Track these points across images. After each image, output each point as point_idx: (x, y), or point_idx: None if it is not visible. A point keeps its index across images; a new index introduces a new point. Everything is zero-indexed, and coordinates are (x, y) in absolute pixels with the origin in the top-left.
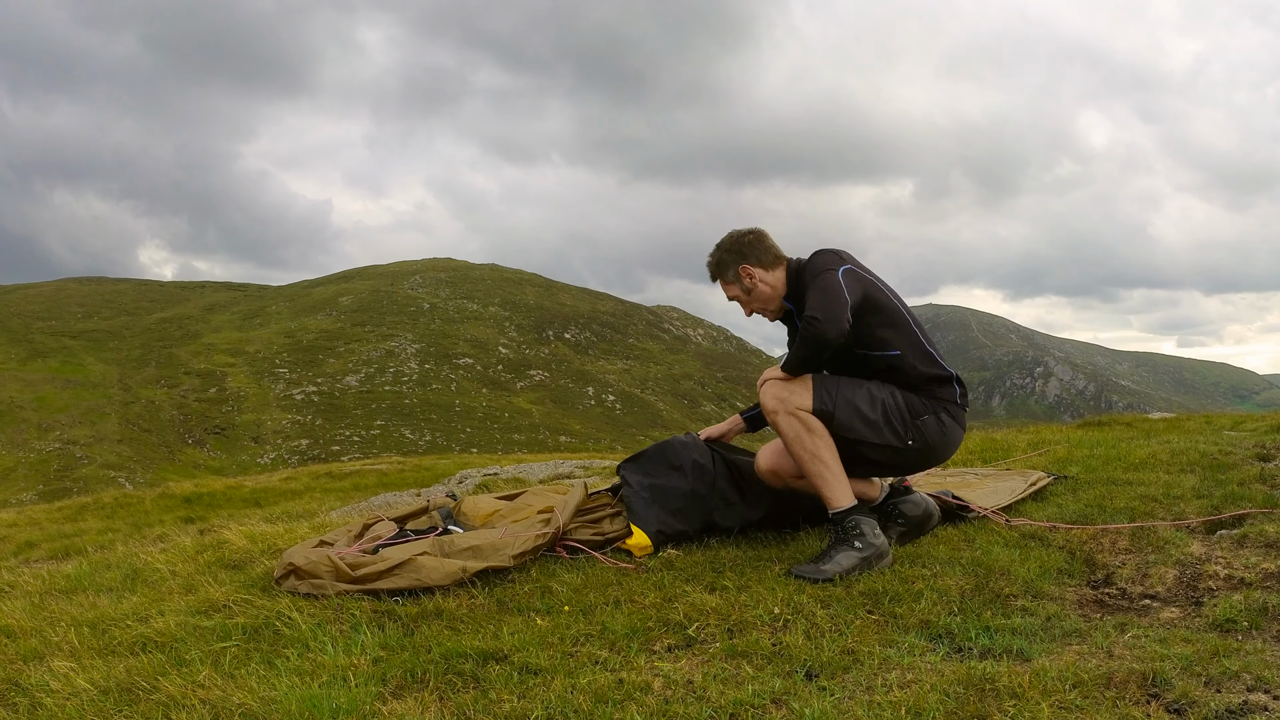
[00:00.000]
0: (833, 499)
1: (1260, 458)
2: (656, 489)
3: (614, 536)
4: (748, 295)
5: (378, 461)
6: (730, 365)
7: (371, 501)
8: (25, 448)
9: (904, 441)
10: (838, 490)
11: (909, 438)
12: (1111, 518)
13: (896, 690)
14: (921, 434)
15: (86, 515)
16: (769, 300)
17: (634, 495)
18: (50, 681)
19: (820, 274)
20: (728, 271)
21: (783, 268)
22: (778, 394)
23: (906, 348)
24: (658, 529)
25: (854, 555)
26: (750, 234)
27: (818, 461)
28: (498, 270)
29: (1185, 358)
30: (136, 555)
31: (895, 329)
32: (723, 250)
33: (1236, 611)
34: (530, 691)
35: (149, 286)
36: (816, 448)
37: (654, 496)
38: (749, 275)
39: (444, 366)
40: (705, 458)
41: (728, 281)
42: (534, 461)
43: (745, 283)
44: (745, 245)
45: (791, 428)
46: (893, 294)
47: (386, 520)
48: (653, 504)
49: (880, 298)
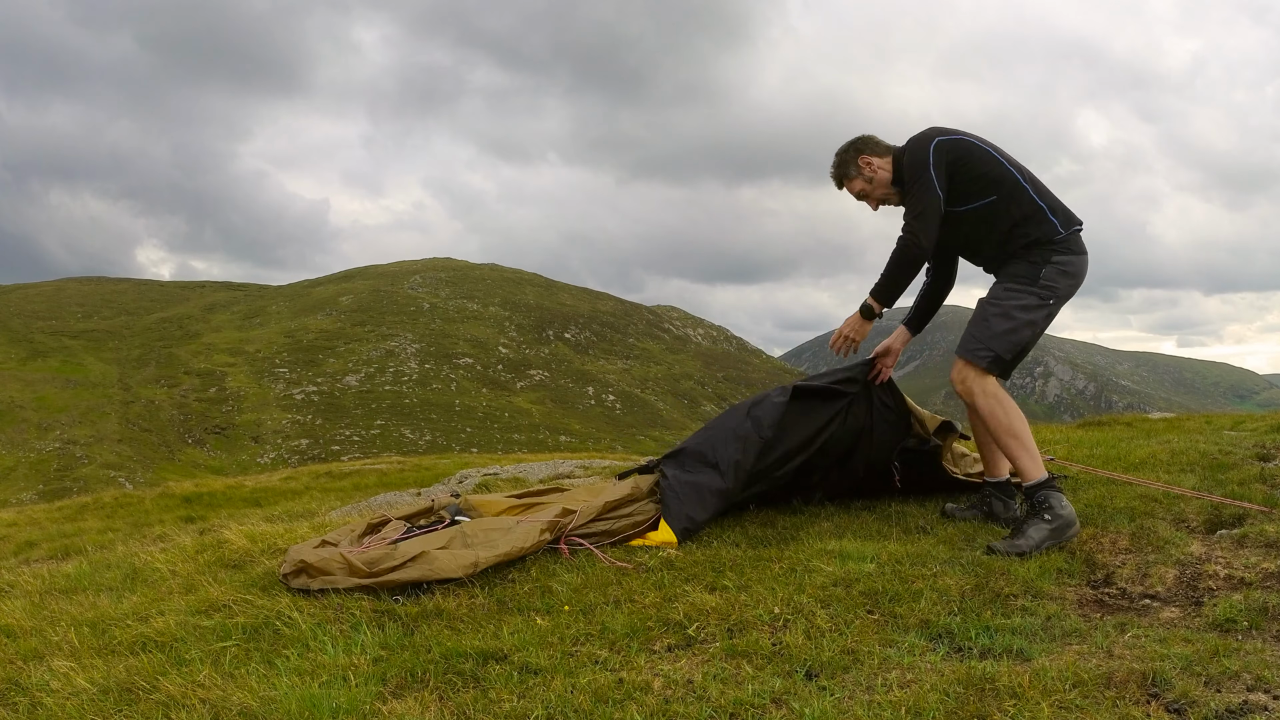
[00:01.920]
0: (1027, 472)
1: (1260, 457)
2: (692, 485)
3: (635, 532)
4: (870, 185)
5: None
6: (730, 365)
7: (371, 501)
8: (25, 447)
9: (1047, 303)
10: (1030, 464)
11: (1049, 298)
12: (1111, 518)
13: (896, 690)
14: (1053, 287)
15: (86, 515)
16: (887, 185)
17: (669, 490)
18: (50, 681)
19: (916, 172)
20: (850, 168)
21: (891, 156)
22: (959, 377)
23: (1003, 191)
24: (684, 526)
25: (1045, 528)
26: (860, 135)
27: (1011, 436)
28: (498, 270)
29: (1185, 357)
30: (136, 555)
31: (988, 179)
32: (841, 154)
33: (1236, 611)
34: (530, 691)
35: (149, 286)
36: (1010, 422)
37: (688, 492)
38: (868, 164)
39: (444, 366)
40: (750, 451)
41: (851, 178)
42: (534, 461)
43: (866, 172)
44: (859, 141)
45: (986, 405)
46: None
47: (396, 520)
48: (685, 500)
49: (974, 152)
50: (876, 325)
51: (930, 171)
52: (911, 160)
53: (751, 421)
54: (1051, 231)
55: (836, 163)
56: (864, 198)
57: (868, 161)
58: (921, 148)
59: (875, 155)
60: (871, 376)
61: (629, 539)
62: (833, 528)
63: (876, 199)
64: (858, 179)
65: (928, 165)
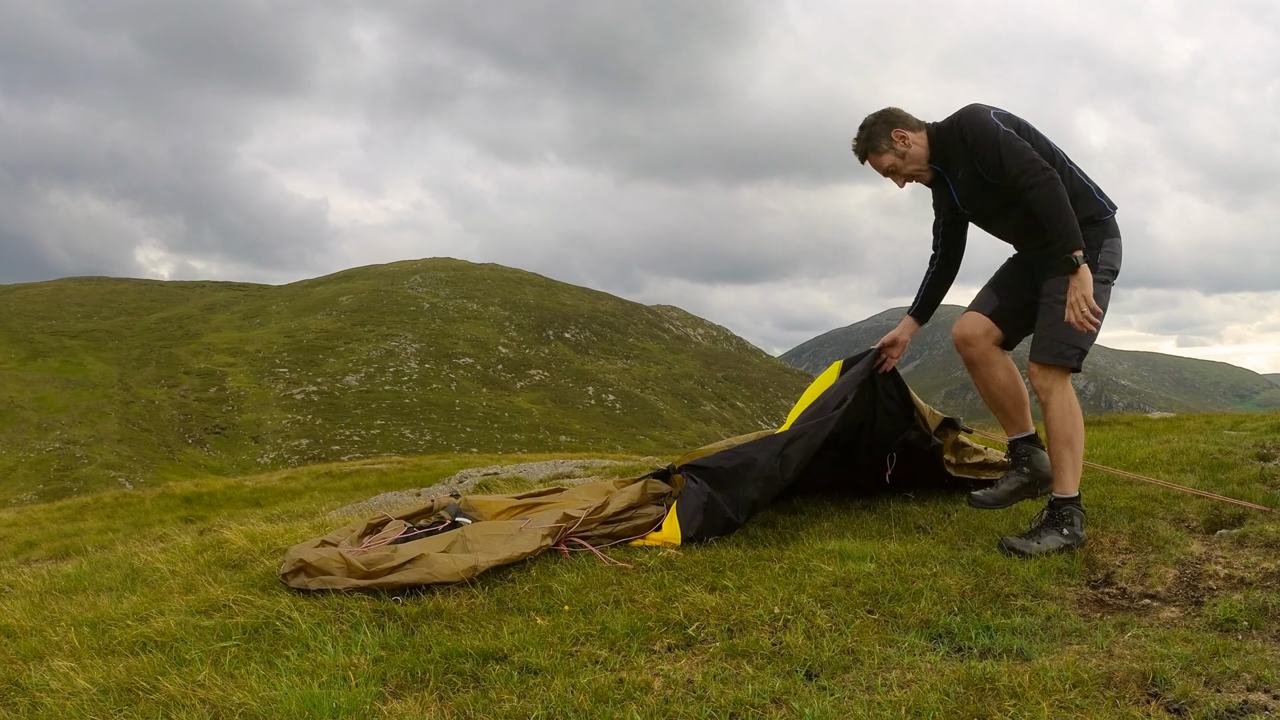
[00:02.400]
0: (1065, 484)
1: (1260, 457)
2: (711, 502)
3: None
4: (902, 159)
5: (378, 461)
6: (730, 365)
7: (371, 501)
8: (25, 447)
9: (1109, 286)
10: (1071, 478)
11: (1109, 281)
12: (1111, 518)
13: (896, 690)
14: (1112, 269)
15: (86, 515)
16: (921, 161)
17: (691, 496)
18: (50, 681)
19: (994, 132)
20: (880, 141)
21: (924, 131)
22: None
23: (1054, 166)
24: (689, 536)
25: (1059, 540)
26: (888, 108)
27: (1069, 445)
28: (498, 270)
29: (1185, 357)
30: (136, 555)
31: (1043, 153)
32: (870, 125)
33: (1236, 611)
34: (530, 691)
35: (149, 286)
36: (1074, 433)
37: (706, 506)
38: (902, 138)
39: (444, 366)
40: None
41: (881, 151)
42: (534, 461)
43: (899, 146)
44: (890, 114)
45: (1061, 407)
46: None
47: (396, 520)
48: (699, 513)
49: (1026, 125)
50: (883, 324)
51: (1005, 127)
52: (977, 125)
53: (781, 461)
54: (1101, 210)
55: (863, 135)
56: (892, 173)
57: (901, 135)
58: (982, 114)
59: (909, 129)
60: (876, 366)
61: (629, 540)
62: (833, 527)
63: (906, 175)
64: (888, 153)
65: (999, 127)
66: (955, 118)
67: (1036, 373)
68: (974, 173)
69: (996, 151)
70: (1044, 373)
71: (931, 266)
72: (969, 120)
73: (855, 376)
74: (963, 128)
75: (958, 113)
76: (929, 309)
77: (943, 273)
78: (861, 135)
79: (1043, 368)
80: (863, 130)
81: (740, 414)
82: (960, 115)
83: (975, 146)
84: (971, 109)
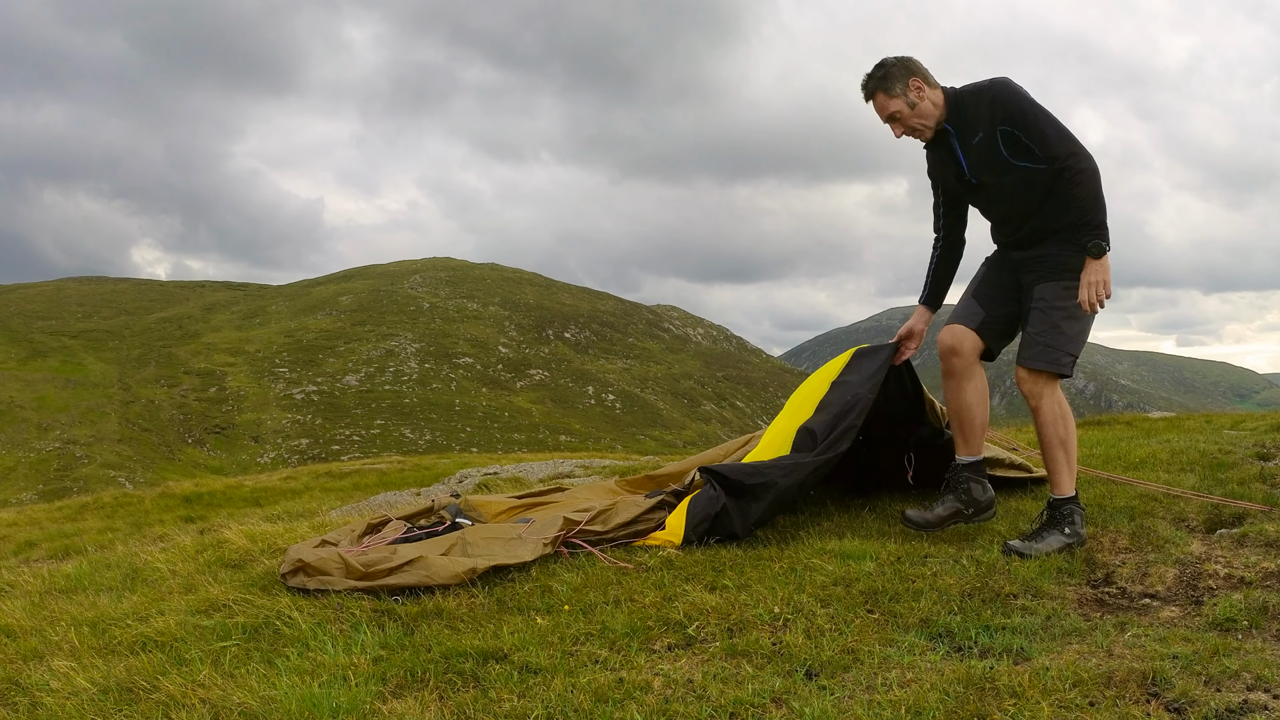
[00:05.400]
0: (1061, 485)
1: (1260, 457)
2: (724, 511)
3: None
4: (911, 110)
5: (378, 461)
6: (730, 364)
7: (371, 501)
8: (25, 447)
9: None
10: (1067, 479)
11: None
12: (1111, 517)
13: (896, 689)
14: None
15: (86, 515)
16: (929, 117)
17: (705, 501)
18: (50, 681)
19: (1038, 107)
20: (895, 84)
21: (941, 91)
22: (1033, 387)
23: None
24: (696, 538)
25: (1061, 539)
26: (909, 56)
27: (1062, 447)
28: (497, 269)
29: (1185, 357)
30: (136, 555)
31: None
32: (888, 65)
33: (1236, 610)
34: (530, 691)
35: (148, 286)
36: (1067, 435)
37: (717, 515)
38: (918, 89)
39: (444, 366)
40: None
41: (893, 95)
42: (534, 461)
43: (912, 96)
44: (911, 62)
45: (1053, 412)
46: None
47: (396, 520)
48: (708, 520)
49: None
50: (883, 324)
51: (1038, 103)
52: (1015, 95)
53: (799, 489)
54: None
55: (879, 73)
56: (894, 120)
57: (919, 86)
58: (1018, 87)
59: (926, 83)
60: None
61: (630, 541)
62: (833, 527)
63: (908, 126)
64: (899, 98)
65: (1032, 99)
66: (985, 84)
67: (1026, 378)
68: (993, 141)
69: (1041, 126)
70: (1034, 378)
71: (936, 250)
72: (1004, 89)
73: (873, 377)
74: (994, 94)
75: (988, 80)
76: (940, 294)
77: (947, 256)
78: (877, 73)
79: (1033, 373)
80: (879, 68)
81: (740, 414)
82: (992, 82)
83: (1015, 115)
84: (1006, 80)
